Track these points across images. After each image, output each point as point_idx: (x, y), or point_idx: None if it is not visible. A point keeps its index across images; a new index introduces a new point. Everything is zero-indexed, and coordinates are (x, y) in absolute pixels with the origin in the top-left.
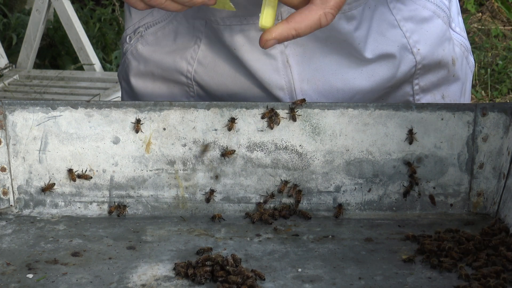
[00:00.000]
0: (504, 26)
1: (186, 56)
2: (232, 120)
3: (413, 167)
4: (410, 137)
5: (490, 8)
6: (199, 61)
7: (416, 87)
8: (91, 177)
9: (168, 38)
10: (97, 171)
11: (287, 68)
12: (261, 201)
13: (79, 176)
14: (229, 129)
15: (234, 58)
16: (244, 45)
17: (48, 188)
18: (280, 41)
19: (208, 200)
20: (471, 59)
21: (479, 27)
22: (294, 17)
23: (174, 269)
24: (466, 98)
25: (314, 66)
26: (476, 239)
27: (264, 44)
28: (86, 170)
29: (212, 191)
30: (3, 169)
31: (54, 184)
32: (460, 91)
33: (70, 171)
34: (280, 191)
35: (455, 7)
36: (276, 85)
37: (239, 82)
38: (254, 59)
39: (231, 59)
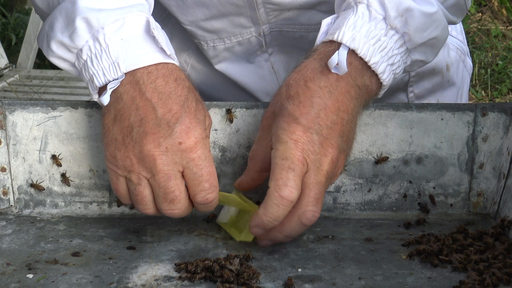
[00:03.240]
0: (505, 27)
1: (180, 59)
2: (229, 111)
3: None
4: (379, 160)
5: (490, 8)
6: (192, 65)
7: (411, 95)
8: (44, 189)
9: None
10: (97, 171)
11: (272, 75)
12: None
13: (32, 185)
14: (231, 121)
15: (220, 70)
16: (228, 57)
17: (35, 186)
18: (276, 243)
19: (208, 220)
20: (469, 62)
21: (479, 27)
22: (277, 226)
23: (176, 270)
24: (463, 101)
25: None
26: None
27: (264, 246)
28: (41, 182)
29: (214, 216)
30: (3, 169)
31: (44, 189)
32: (455, 96)
33: (53, 157)
34: None
35: None
36: (263, 91)
37: (229, 89)
38: (239, 69)
39: (218, 70)
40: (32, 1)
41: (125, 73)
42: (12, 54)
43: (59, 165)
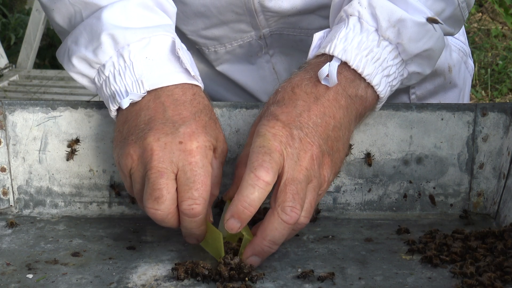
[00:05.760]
0: (502, 27)
1: None
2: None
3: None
4: (368, 160)
5: (490, 8)
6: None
7: (413, 96)
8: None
9: None
10: (97, 171)
11: (273, 75)
12: None
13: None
14: (69, 145)
15: (221, 72)
16: (229, 59)
17: (73, 145)
18: (262, 257)
19: (216, 205)
20: (470, 63)
21: (479, 27)
22: (259, 229)
23: (173, 270)
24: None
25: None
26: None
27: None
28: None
29: (221, 201)
30: (3, 169)
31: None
32: (457, 97)
33: (77, 140)
34: None
35: None
36: (265, 92)
37: (231, 90)
38: (240, 70)
39: (219, 71)
40: (51, 19)
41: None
42: (12, 54)
43: (69, 146)
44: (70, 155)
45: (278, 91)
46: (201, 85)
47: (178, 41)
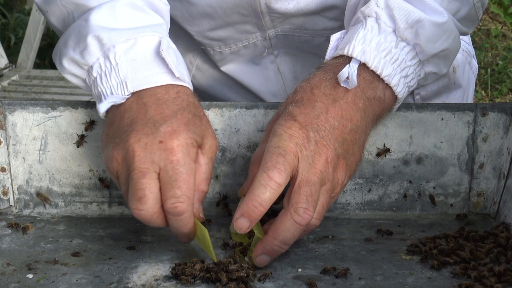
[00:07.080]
0: (502, 27)
1: (185, 60)
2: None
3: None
4: (382, 152)
5: (490, 8)
6: (198, 66)
7: (417, 97)
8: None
9: None
10: (97, 171)
11: (278, 76)
12: None
13: (38, 195)
14: (86, 129)
15: (226, 72)
16: (233, 60)
17: (42, 197)
18: (272, 256)
19: (218, 204)
20: (474, 63)
21: (479, 27)
22: (270, 228)
23: (172, 269)
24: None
25: (308, 73)
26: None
27: (260, 263)
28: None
29: (225, 197)
30: (3, 169)
31: (50, 202)
32: (461, 98)
33: (90, 122)
34: None
35: None
36: (269, 92)
37: (235, 90)
38: (244, 70)
39: (224, 72)
40: (48, 19)
41: (132, 92)
42: (12, 54)
43: (86, 130)
44: (80, 141)
45: (297, 91)
46: (188, 85)
47: (164, 41)
